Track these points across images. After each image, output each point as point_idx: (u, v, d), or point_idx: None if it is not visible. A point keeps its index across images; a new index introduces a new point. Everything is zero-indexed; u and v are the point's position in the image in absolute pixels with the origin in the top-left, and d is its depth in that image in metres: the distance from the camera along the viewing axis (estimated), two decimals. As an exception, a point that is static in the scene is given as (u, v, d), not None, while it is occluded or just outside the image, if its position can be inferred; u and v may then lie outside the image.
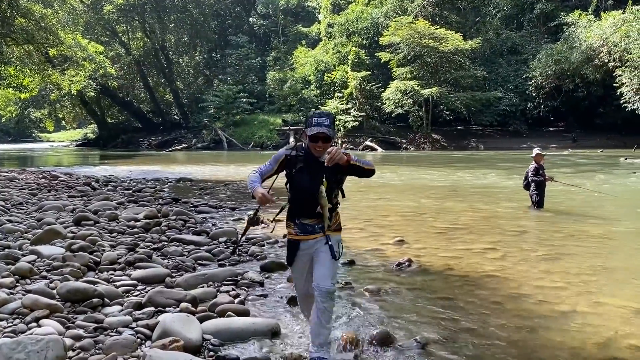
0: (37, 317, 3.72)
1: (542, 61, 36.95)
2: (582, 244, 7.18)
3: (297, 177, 3.38)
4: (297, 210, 3.45)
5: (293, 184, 3.43)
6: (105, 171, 20.52)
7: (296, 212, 3.45)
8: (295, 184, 3.41)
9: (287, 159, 3.41)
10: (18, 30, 20.89)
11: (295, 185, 3.41)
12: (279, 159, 3.45)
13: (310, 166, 3.35)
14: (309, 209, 3.35)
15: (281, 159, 3.44)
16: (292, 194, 3.46)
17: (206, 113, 49.37)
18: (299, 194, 3.40)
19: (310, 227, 3.42)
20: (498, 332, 4.03)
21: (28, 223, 7.46)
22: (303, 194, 3.36)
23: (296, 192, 3.42)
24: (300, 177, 3.37)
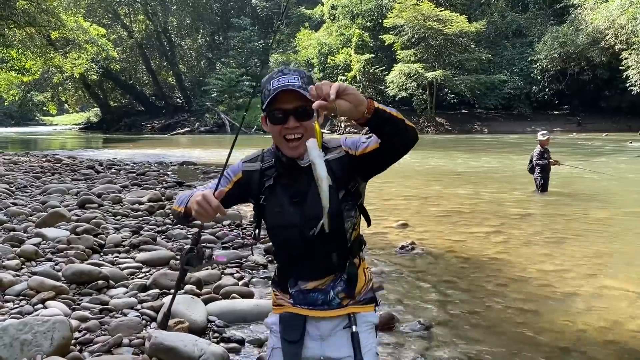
0: (43, 299, 3.75)
1: (547, 44, 36.60)
2: (586, 227, 7.17)
3: (271, 207, 1.85)
4: (288, 267, 1.91)
5: (269, 221, 1.89)
6: (109, 154, 20.54)
7: (288, 272, 1.92)
8: (271, 220, 1.87)
9: (245, 178, 1.90)
10: (20, 12, 20.75)
11: (273, 222, 1.87)
12: (234, 172, 1.93)
13: (290, 181, 1.82)
14: (310, 259, 1.84)
15: (237, 175, 1.92)
16: (273, 241, 1.95)
17: (209, 96, 49.17)
18: (283, 237, 1.88)
19: (319, 296, 1.86)
20: (502, 315, 4.04)
21: (33, 206, 7.50)
22: (290, 237, 1.83)
23: (278, 236, 1.90)
24: (276, 206, 1.84)
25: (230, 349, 3.26)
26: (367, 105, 1.52)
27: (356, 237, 1.91)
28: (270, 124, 1.78)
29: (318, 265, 1.86)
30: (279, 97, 1.70)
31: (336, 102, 1.45)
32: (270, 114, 1.75)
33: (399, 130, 1.64)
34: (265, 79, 1.79)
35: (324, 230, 1.67)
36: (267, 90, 1.75)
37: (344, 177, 1.79)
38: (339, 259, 1.85)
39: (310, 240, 1.78)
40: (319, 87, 1.47)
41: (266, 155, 1.91)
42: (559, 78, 38.38)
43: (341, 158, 1.81)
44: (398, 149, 1.69)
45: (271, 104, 1.72)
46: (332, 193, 1.63)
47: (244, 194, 1.93)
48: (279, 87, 1.70)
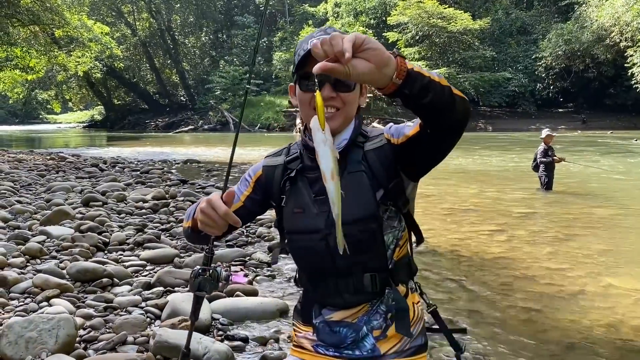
0: (48, 297, 3.75)
1: (552, 41, 36.50)
2: (591, 225, 7.15)
3: (291, 206, 1.50)
4: (311, 290, 1.55)
5: (287, 225, 1.52)
6: (113, 152, 20.58)
7: (311, 296, 1.56)
8: (289, 223, 1.51)
9: (265, 175, 1.58)
10: (24, 11, 20.83)
11: (291, 226, 1.51)
12: (254, 171, 1.63)
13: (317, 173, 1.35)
14: (337, 279, 1.46)
15: (257, 173, 1.61)
16: (293, 253, 1.56)
17: (212, 94, 49.22)
18: (302, 246, 1.50)
19: (347, 332, 1.47)
20: (506, 314, 4.03)
21: (37, 204, 7.52)
22: (311, 246, 1.46)
23: (297, 245, 1.52)
24: (296, 206, 1.49)
25: (235, 347, 3.26)
26: (395, 66, 1.08)
27: (402, 258, 1.48)
28: (299, 92, 1.41)
29: (347, 288, 1.43)
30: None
31: (351, 63, 1.02)
32: (304, 77, 1.39)
33: (443, 103, 1.18)
34: (304, 38, 1.42)
35: (354, 242, 1.31)
36: (301, 50, 1.37)
37: (383, 173, 1.41)
38: (375, 283, 1.42)
39: (336, 250, 1.25)
40: (328, 42, 1.02)
41: (293, 148, 1.58)
42: (563, 76, 38.27)
43: (381, 148, 1.44)
44: (445, 129, 1.27)
45: (304, 66, 1.36)
46: (367, 192, 1.39)
47: (266, 196, 1.56)
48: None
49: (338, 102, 1.37)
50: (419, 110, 1.20)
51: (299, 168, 1.49)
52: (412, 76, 1.11)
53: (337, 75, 1.05)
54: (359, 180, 1.41)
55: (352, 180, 1.41)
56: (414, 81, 1.11)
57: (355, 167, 1.43)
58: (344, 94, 1.38)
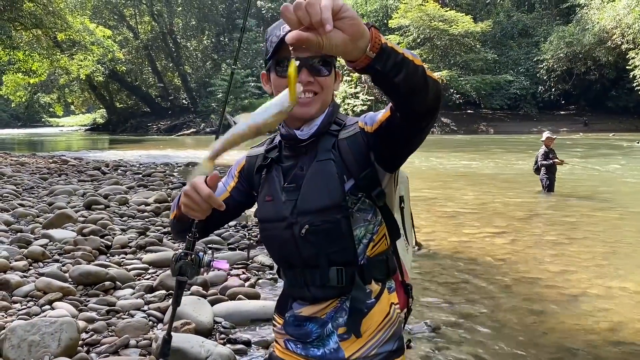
0: (51, 300, 3.76)
1: (553, 44, 36.51)
2: (592, 228, 7.14)
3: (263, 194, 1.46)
4: (286, 282, 1.49)
5: (258, 213, 1.48)
6: (115, 155, 20.61)
7: (286, 289, 1.50)
8: (259, 211, 1.47)
9: (247, 165, 1.56)
10: (26, 14, 20.91)
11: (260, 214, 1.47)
12: (238, 163, 1.60)
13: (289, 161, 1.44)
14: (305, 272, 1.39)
15: (240, 164, 1.59)
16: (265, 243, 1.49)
17: (214, 97, 49.30)
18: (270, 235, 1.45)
19: (314, 327, 1.41)
20: (508, 316, 4.03)
21: (40, 207, 7.53)
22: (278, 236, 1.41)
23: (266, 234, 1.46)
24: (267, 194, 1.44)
25: (237, 351, 3.26)
26: (370, 38, 1.00)
27: (378, 254, 1.38)
28: (275, 77, 1.37)
29: (313, 280, 1.37)
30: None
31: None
32: (277, 63, 1.35)
33: (416, 82, 1.10)
34: (274, 25, 1.38)
35: (317, 231, 1.32)
36: (274, 37, 1.34)
37: (354, 162, 1.34)
38: (341, 278, 1.35)
39: (301, 240, 1.33)
40: (303, 7, 0.89)
41: (272, 139, 1.54)
42: (565, 78, 38.25)
43: (354, 136, 1.37)
44: (416, 111, 1.17)
45: (278, 52, 1.33)
46: (333, 181, 1.33)
47: (250, 186, 1.53)
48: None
49: (316, 86, 1.33)
50: (390, 88, 1.11)
51: (274, 157, 1.46)
52: (385, 51, 1.03)
53: (309, 45, 0.92)
54: (325, 169, 1.35)
55: (319, 168, 1.36)
56: (388, 57, 1.03)
57: (324, 156, 1.37)
58: (321, 78, 1.34)
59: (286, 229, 1.37)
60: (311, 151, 1.39)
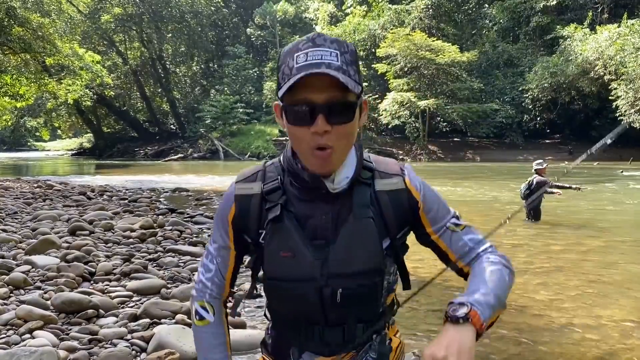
0: (31, 329, 3.67)
1: (538, 74, 37.20)
2: (580, 256, 7.17)
3: (275, 248, 1.25)
4: (291, 333, 1.35)
5: (269, 269, 1.29)
6: (101, 180, 20.45)
7: (289, 338, 1.36)
8: (274, 268, 1.27)
9: (239, 210, 1.30)
10: (15, 39, 20.90)
11: (276, 271, 1.27)
12: (225, 212, 1.32)
13: (309, 211, 1.25)
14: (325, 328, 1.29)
15: (230, 212, 1.31)
16: (271, 295, 1.35)
17: (203, 123, 49.42)
18: (289, 294, 1.27)
19: None
20: (496, 345, 4.00)
21: (23, 232, 7.41)
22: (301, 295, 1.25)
23: (281, 292, 1.29)
24: (283, 248, 1.24)
25: (222, 381, 3.19)
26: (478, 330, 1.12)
27: (391, 301, 1.41)
28: (287, 123, 1.18)
29: (335, 336, 1.29)
30: (305, 81, 1.10)
31: None
32: (290, 107, 1.15)
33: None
34: (288, 49, 1.19)
35: (352, 295, 1.23)
36: (287, 68, 1.14)
37: (394, 221, 1.27)
38: (365, 330, 1.31)
39: (331, 302, 1.22)
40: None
41: (270, 171, 1.31)
42: (549, 107, 38.92)
43: (397, 192, 1.27)
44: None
45: (292, 90, 1.12)
46: (374, 243, 1.23)
47: (245, 233, 1.31)
48: (305, 66, 1.10)
49: (332, 138, 1.14)
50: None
51: (282, 202, 1.24)
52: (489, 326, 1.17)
53: None
54: (365, 228, 1.23)
55: (359, 227, 1.23)
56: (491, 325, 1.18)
57: (362, 212, 1.23)
58: (340, 126, 1.14)
59: (314, 290, 1.23)
60: (339, 200, 1.23)
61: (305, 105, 1.12)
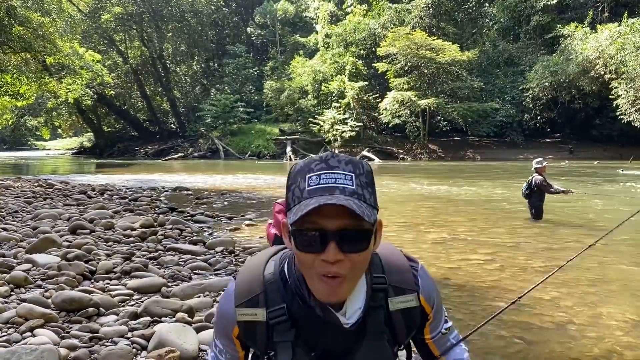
0: (32, 327, 3.68)
1: (538, 73, 37.18)
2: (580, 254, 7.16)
3: None
4: None
5: None
6: (101, 179, 20.46)
7: None
8: None
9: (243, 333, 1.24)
10: (15, 38, 20.87)
11: None
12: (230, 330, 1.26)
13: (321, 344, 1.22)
14: None
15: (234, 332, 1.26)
16: None
17: (203, 122, 49.44)
18: None
19: None
20: (496, 344, 4.01)
21: (23, 231, 7.42)
22: None
23: None
24: None
25: (222, 379, 3.20)
26: None
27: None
28: (295, 248, 1.11)
29: None
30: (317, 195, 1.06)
31: None
32: (299, 232, 1.08)
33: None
34: (299, 168, 1.13)
35: None
36: (298, 190, 1.09)
37: (405, 334, 1.29)
38: None
39: None
40: None
41: (271, 290, 1.22)
42: (550, 106, 38.90)
43: (410, 312, 1.27)
44: None
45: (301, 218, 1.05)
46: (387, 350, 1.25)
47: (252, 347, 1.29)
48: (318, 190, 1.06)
49: (344, 267, 1.07)
50: None
51: (293, 340, 1.19)
52: None
53: None
54: (381, 351, 1.23)
55: (374, 352, 1.22)
56: None
57: (377, 337, 1.22)
58: (354, 255, 1.07)
59: None
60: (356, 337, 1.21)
61: (316, 231, 1.05)
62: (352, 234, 1.05)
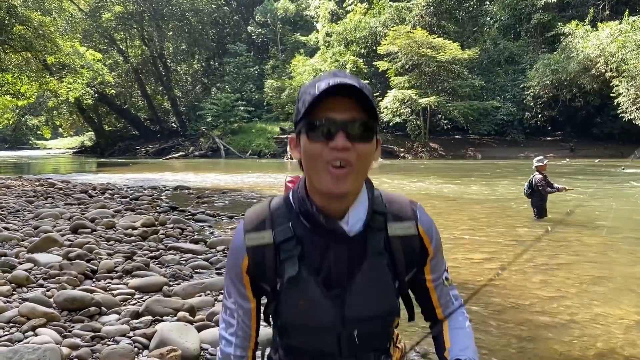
0: (34, 326, 3.69)
1: (539, 71, 37.12)
2: (581, 253, 7.17)
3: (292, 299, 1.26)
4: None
5: (285, 318, 1.29)
6: (103, 179, 20.48)
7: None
8: (291, 317, 1.28)
9: (252, 261, 1.27)
10: (16, 37, 20.89)
11: (294, 320, 1.28)
12: (240, 261, 1.29)
13: (322, 257, 1.26)
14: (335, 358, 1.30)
15: (244, 264, 1.28)
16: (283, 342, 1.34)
17: (204, 121, 49.44)
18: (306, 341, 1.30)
19: None
20: (498, 342, 4.01)
21: (25, 231, 7.44)
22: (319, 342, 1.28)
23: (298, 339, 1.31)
24: (303, 299, 1.25)
25: (224, 378, 3.20)
26: None
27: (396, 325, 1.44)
28: (306, 140, 1.18)
29: None
30: (327, 103, 1.15)
31: None
32: (310, 125, 1.16)
33: None
34: (308, 84, 1.22)
35: (366, 334, 1.28)
36: (308, 96, 1.17)
37: (404, 264, 1.30)
38: (376, 358, 1.36)
39: (347, 343, 1.27)
40: None
41: (277, 214, 1.28)
42: (551, 105, 38.84)
43: (409, 239, 1.30)
44: None
45: (313, 109, 1.16)
46: (389, 288, 1.28)
47: (261, 283, 1.30)
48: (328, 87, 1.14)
49: (352, 155, 1.15)
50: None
51: (299, 255, 1.24)
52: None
53: None
54: (381, 273, 1.27)
55: (374, 272, 1.26)
56: None
57: (377, 259, 1.26)
58: (360, 145, 1.16)
59: (331, 334, 1.27)
60: (354, 246, 1.25)
61: (326, 120, 1.15)
62: (359, 125, 1.16)
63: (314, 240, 1.25)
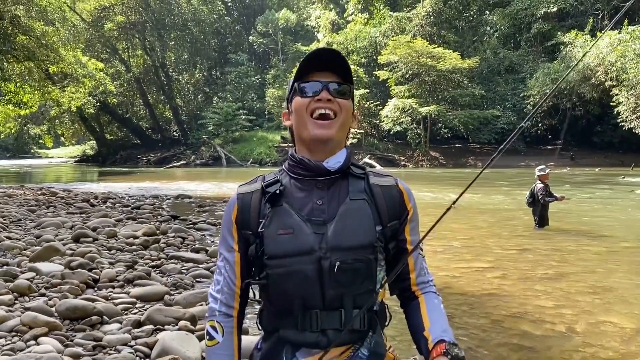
0: (36, 335, 3.71)
1: (539, 80, 37.22)
2: (582, 262, 7.18)
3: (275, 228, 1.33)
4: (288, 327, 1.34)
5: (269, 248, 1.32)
6: (104, 188, 20.51)
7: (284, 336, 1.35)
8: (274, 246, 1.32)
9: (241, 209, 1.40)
10: (19, 47, 21.00)
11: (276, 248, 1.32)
12: (231, 211, 1.42)
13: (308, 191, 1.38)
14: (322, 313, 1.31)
15: (234, 212, 1.41)
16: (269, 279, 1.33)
17: (205, 130, 49.53)
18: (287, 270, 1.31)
19: None
20: (498, 352, 4.02)
21: (27, 240, 7.46)
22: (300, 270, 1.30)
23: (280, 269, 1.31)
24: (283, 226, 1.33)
25: (225, 387, 3.22)
26: None
27: (383, 302, 1.45)
28: (297, 99, 1.41)
29: (332, 323, 1.30)
30: (313, 74, 1.42)
31: None
32: (301, 85, 1.42)
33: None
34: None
35: (348, 269, 1.29)
36: (299, 67, 1.45)
37: (386, 210, 1.40)
38: (364, 322, 1.33)
39: (329, 277, 1.28)
40: None
41: (268, 175, 1.47)
42: (551, 114, 38.94)
43: (390, 187, 1.44)
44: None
45: (303, 75, 1.43)
46: (368, 220, 1.35)
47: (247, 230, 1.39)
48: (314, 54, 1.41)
49: (335, 106, 1.39)
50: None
51: (281, 189, 1.38)
52: None
53: None
54: (361, 208, 1.36)
55: (354, 206, 1.36)
56: None
57: (357, 195, 1.38)
58: (341, 100, 1.40)
59: (313, 263, 1.29)
60: (335, 187, 1.40)
61: (312, 81, 1.40)
62: (339, 86, 1.40)
63: (298, 187, 1.41)
